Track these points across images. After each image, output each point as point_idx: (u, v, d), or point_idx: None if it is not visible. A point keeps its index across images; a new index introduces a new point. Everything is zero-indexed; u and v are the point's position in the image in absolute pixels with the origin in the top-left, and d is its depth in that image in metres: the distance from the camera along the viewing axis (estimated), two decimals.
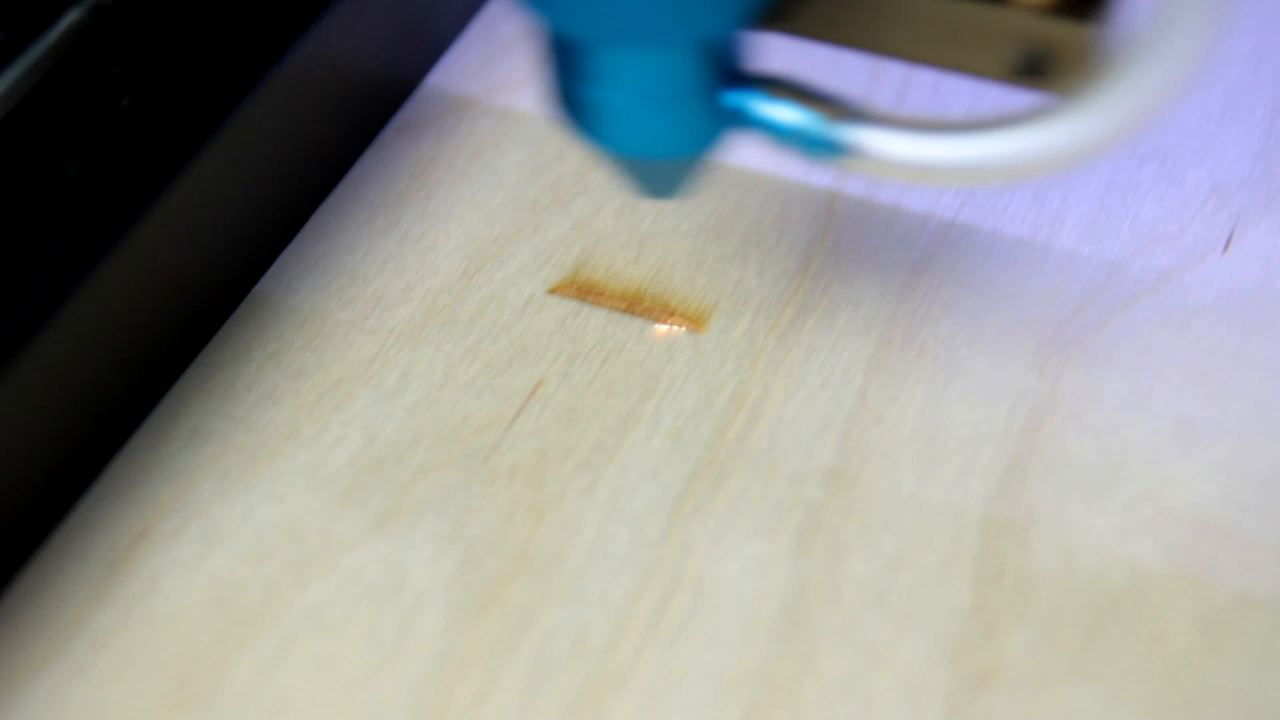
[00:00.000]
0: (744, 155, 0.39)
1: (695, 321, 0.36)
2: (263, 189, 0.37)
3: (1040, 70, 0.29)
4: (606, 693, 0.31)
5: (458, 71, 0.42)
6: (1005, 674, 0.31)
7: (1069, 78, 0.29)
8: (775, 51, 0.32)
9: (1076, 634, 0.31)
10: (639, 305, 0.37)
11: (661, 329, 0.36)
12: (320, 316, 0.36)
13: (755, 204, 0.39)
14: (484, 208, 0.39)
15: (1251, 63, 0.41)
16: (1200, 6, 0.27)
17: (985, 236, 0.38)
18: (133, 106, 0.35)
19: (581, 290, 0.37)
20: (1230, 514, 0.33)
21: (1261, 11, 0.43)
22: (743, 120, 0.31)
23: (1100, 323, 0.36)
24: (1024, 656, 0.31)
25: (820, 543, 0.33)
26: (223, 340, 0.36)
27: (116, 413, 0.34)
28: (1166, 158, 0.39)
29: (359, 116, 0.40)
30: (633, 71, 0.30)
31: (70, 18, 0.36)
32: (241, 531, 0.33)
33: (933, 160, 0.30)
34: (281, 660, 0.31)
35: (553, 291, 0.37)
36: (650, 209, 0.38)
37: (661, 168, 0.32)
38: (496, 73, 0.42)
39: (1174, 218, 0.38)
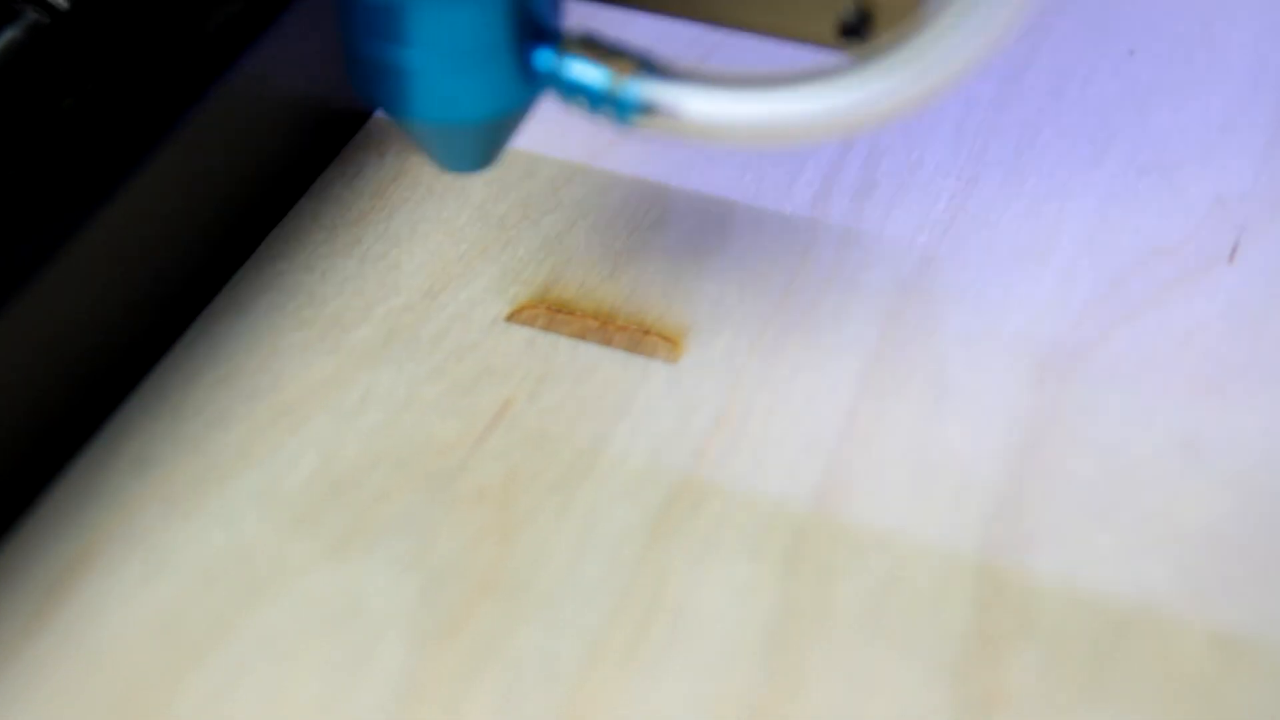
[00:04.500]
0: (724, 176, 0.37)
1: (672, 340, 0.35)
2: (215, 206, 0.35)
3: (861, 31, 0.29)
4: None
5: None
6: (1010, 699, 0.29)
7: (885, 37, 0.28)
8: (605, 24, 0.31)
9: (1084, 656, 0.30)
10: (612, 324, 0.35)
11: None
12: (275, 337, 0.35)
13: (735, 222, 0.37)
14: (450, 225, 0.37)
15: (1252, 72, 0.40)
16: None
17: (977, 250, 0.36)
18: (73, 119, 0.33)
19: (552, 309, 0.35)
20: (1243, 531, 0.31)
21: (1261, 21, 0.41)
22: (543, 81, 0.30)
23: (1101, 337, 0.35)
24: (1030, 680, 0.29)
25: (808, 565, 0.31)
26: (172, 362, 0.34)
27: (56, 436, 0.32)
28: (1166, 169, 0.38)
29: (318, 132, 0.38)
30: (436, 29, 0.29)
31: (7, 35, 0.34)
32: (188, 557, 0.31)
33: (735, 117, 0.29)
34: (230, 690, 0.29)
35: (521, 309, 0.35)
36: (625, 225, 0.37)
37: (463, 134, 0.31)
38: None
39: (1176, 229, 0.37)
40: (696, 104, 0.29)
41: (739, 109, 0.29)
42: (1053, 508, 0.32)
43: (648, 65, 0.29)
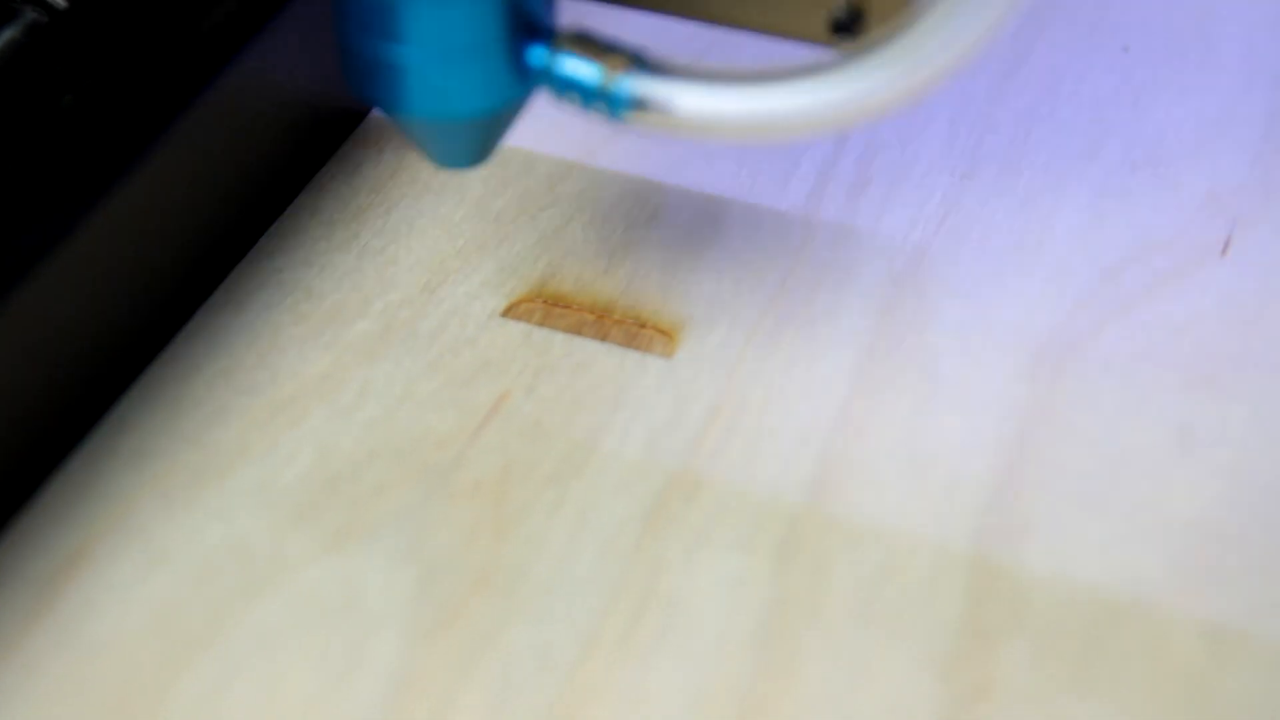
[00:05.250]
0: (719, 173, 0.38)
1: (668, 334, 0.35)
2: (213, 202, 0.35)
3: (852, 28, 0.29)
4: (573, 712, 0.29)
5: None
6: (1000, 688, 0.29)
7: (876, 32, 0.29)
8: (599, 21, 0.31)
9: (1075, 646, 0.30)
10: (608, 318, 0.35)
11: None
12: (273, 332, 0.35)
13: (730, 217, 0.37)
14: (447, 221, 0.37)
15: (1246, 67, 0.40)
16: None
17: (971, 245, 0.37)
18: (73, 116, 0.33)
19: (548, 303, 0.35)
20: (1235, 521, 0.31)
21: (1254, 16, 0.41)
22: (537, 77, 0.30)
23: (1094, 329, 0.35)
24: (1020, 670, 0.29)
25: (801, 555, 0.31)
26: (170, 357, 0.34)
27: (54, 430, 0.32)
28: (1160, 164, 0.38)
29: (316, 129, 0.38)
30: (430, 23, 0.29)
31: (6, 35, 0.34)
32: (185, 552, 0.31)
33: (727, 113, 0.29)
34: (227, 684, 0.29)
35: (517, 304, 0.35)
36: (621, 220, 0.37)
37: (457, 131, 0.31)
38: None
39: (1169, 223, 0.37)
40: (689, 99, 0.29)
41: (731, 104, 0.29)
42: (1045, 498, 0.32)
43: (640, 61, 0.30)
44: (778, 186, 0.37)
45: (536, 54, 0.30)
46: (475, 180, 0.38)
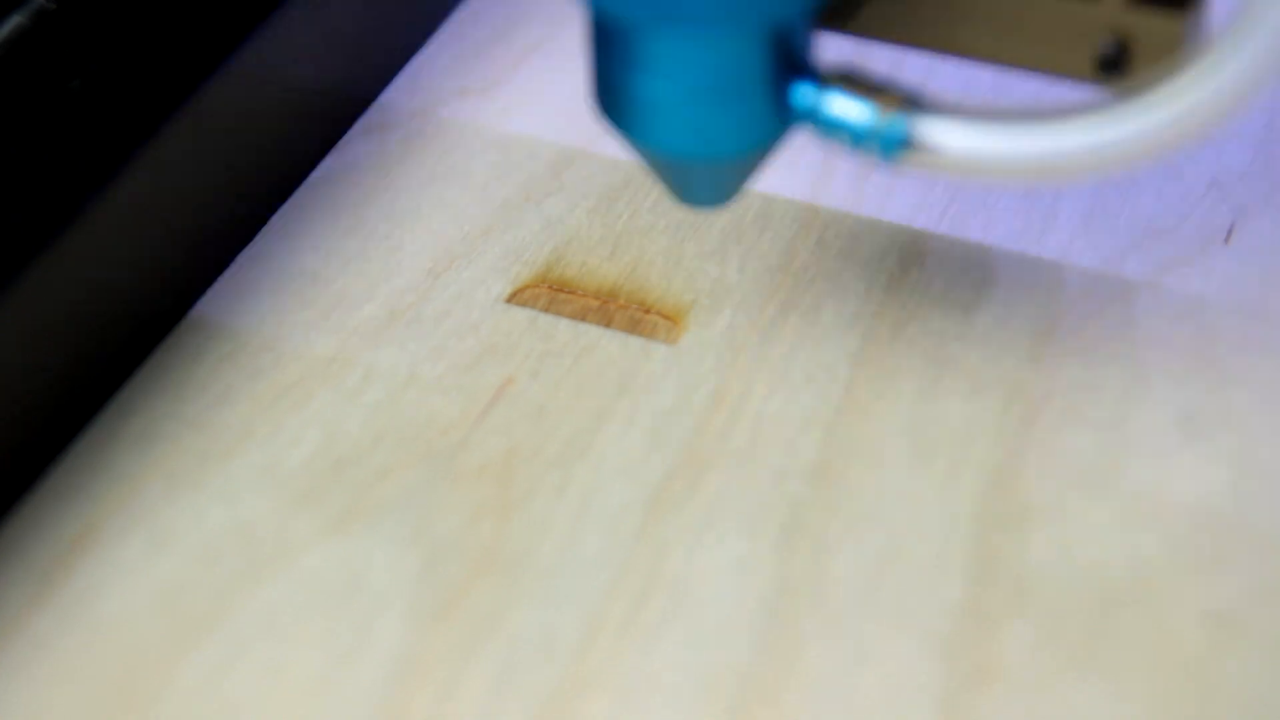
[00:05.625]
0: None
1: (672, 319, 0.35)
2: (219, 187, 0.36)
3: (1120, 65, 0.28)
4: (577, 695, 0.29)
5: (427, 73, 0.41)
6: (1002, 672, 0.29)
7: (1149, 71, 0.28)
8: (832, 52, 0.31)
9: (1078, 630, 0.30)
10: (613, 303, 0.35)
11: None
12: (279, 316, 0.35)
13: (736, 203, 0.37)
14: (453, 207, 0.37)
15: None
16: None
17: (975, 231, 0.37)
18: (79, 100, 0.33)
19: (553, 289, 0.35)
20: (1238, 506, 0.31)
21: None
22: (800, 116, 0.29)
23: (1098, 313, 0.35)
24: (1023, 654, 0.29)
25: (804, 539, 0.31)
26: (176, 340, 0.34)
27: (61, 413, 0.32)
28: None
29: (323, 117, 0.39)
30: (690, 59, 0.27)
31: (14, 21, 0.34)
32: (190, 534, 0.31)
33: (1004, 154, 0.28)
34: (231, 665, 0.29)
35: (522, 289, 0.35)
36: (626, 207, 0.37)
37: (712, 170, 0.30)
38: (467, 74, 0.41)
39: (1172, 211, 0.37)
40: (965, 140, 0.28)
41: (1009, 145, 0.28)
42: (1048, 482, 0.32)
43: (913, 100, 0.28)
44: (784, 173, 0.37)
45: (802, 92, 0.29)
46: (481, 167, 0.38)
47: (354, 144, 0.39)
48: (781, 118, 0.29)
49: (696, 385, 0.33)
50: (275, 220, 0.37)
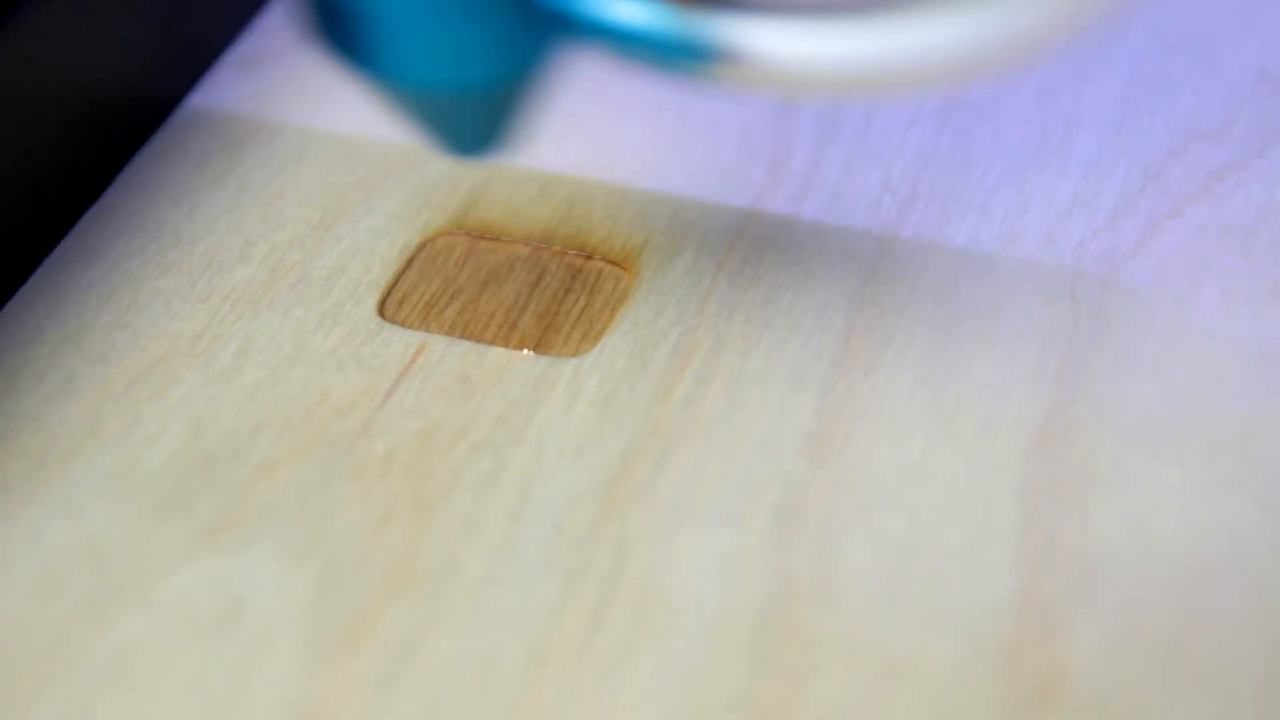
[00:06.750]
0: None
1: (621, 265, 0.29)
2: (55, 133, 0.31)
3: None
4: None
5: None
6: (1072, 683, 0.24)
7: None
8: None
9: (1161, 625, 0.25)
10: (547, 249, 0.30)
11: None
12: (133, 286, 0.31)
13: (693, 123, 0.32)
14: (345, 146, 0.33)
15: None
16: None
17: (983, 144, 0.33)
18: None
19: (473, 235, 0.30)
20: None
21: None
22: (570, 27, 0.24)
23: (1142, 236, 0.31)
24: (1095, 656, 0.24)
25: (806, 527, 0.26)
26: (7, 321, 0.30)
27: None
28: (1198, 43, 0.35)
29: (184, 45, 0.34)
30: None
31: None
32: (25, 558, 0.26)
33: (838, 58, 0.23)
34: None
35: (435, 237, 0.30)
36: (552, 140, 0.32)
37: (465, 105, 0.25)
38: None
39: (1218, 109, 0.33)
40: (791, 45, 0.23)
41: (845, 48, 0.23)
42: (1105, 441, 0.27)
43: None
44: None
45: None
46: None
47: (221, 79, 0.35)
48: (537, 32, 0.24)
49: (655, 342, 0.29)
50: (128, 169, 0.33)
